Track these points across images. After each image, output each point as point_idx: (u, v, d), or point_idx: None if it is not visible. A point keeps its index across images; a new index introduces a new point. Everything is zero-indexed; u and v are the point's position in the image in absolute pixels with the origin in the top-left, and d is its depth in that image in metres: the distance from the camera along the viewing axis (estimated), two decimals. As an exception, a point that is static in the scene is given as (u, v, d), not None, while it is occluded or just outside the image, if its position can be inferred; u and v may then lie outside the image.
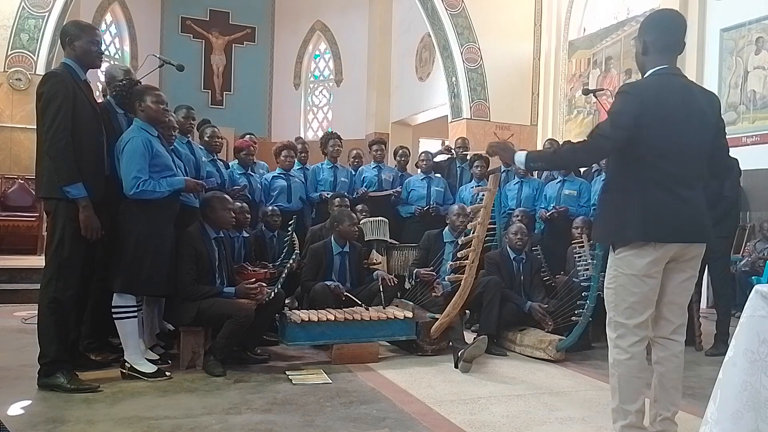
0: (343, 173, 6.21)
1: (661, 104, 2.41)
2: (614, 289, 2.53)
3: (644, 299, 2.48)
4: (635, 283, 2.46)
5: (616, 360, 2.52)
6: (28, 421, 2.84)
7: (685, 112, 2.43)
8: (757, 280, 5.58)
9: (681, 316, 2.59)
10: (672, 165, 2.42)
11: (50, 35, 8.19)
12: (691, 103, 2.45)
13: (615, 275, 2.52)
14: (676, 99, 2.44)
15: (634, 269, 2.45)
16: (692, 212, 2.47)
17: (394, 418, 3.03)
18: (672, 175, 2.43)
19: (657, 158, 2.42)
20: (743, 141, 6.79)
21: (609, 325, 2.57)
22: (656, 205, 2.42)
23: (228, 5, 14.09)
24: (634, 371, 2.48)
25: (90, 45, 3.43)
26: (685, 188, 2.45)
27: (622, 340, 2.50)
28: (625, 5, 8.81)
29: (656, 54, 2.51)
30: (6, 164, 8.22)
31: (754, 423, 1.91)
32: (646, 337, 2.53)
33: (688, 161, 2.45)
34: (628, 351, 2.48)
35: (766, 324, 1.94)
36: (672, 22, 2.55)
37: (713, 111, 2.54)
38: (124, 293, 3.54)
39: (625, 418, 2.48)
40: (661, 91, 2.44)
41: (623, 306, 2.49)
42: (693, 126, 2.44)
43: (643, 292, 2.47)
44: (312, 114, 14.74)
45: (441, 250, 5.01)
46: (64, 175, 3.23)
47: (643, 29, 2.57)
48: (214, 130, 5.07)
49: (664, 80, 2.48)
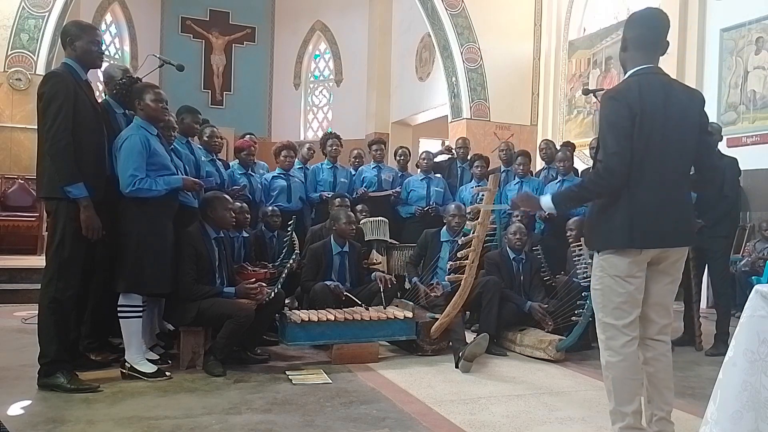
0: (342, 173, 6.21)
1: (645, 105, 2.40)
2: (601, 290, 2.54)
3: (630, 299, 2.49)
4: (620, 283, 2.47)
5: (608, 362, 2.52)
6: (28, 421, 2.84)
7: (666, 112, 2.42)
8: (757, 280, 5.59)
9: (666, 316, 2.60)
10: (655, 167, 2.42)
11: (50, 35, 8.19)
12: (671, 101, 2.44)
13: (600, 276, 2.53)
14: (656, 99, 2.42)
15: (618, 270, 2.47)
16: (677, 215, 2.47)
17: (394, 418, 3.03)
18: (656, 177, 2.42)
19: (641, 160, 2.41)
20: (743, 141, 6.79)
21: (598, 327, 2.58)
22: (642, 208, 2.42)
23: (228, 5, 14.09)
24: (627, 373, 2.48)
25: (90, 45, 3.43)
26: (669, 189, 2.45)
27: (613, 342, 2.50)
28: (625, 5, 8.81)
29: (636, 51, 2.50)
30: (6, 164, 8.22)
31: (754, 423, 1.91)
32: (637, 337, 2.52)
33: (671, 162, 2.44)
34: (619, 353, 2.48)
35: (766, 324, 1.95)
36: (654, 19, 2.52)
37: (696, 108, 2.51)
38: (128, 293, 3.55)
39: (623, 420, 2.48)
40: (643, 92, 2.43)
41: (611, 306, 2.50)
42: (675, 125, 2.43)
43: (628, 291, 2.48)
44: (312, 114, 14.74)
45: (438, 250, 5.02)
46: (64, 174, 3.23)
47: (626, 26, 2.56)
48: (213, 130, 5.05)
49: (644, 80, 2.46)
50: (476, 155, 6.47)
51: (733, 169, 4.69)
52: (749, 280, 5.86)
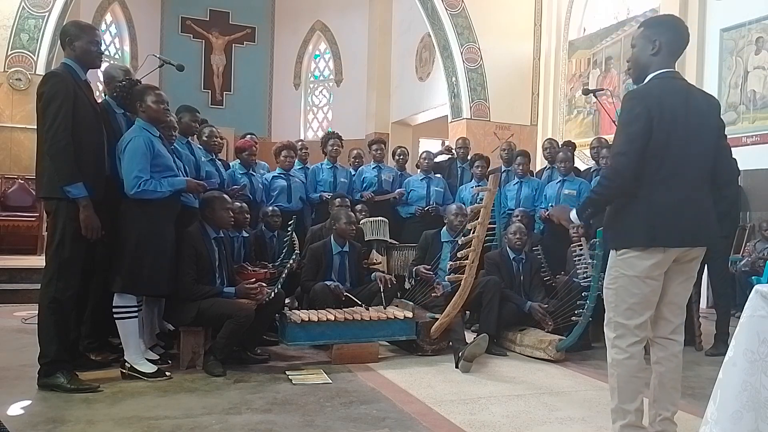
0: (342, 173, 6.20)
1: (664, 107, 2.43)
2: (615, 290, 2.53)
3: (645, 300, 2.49)
4: (637, 284, 2.47)
5: (614, 360, 2.53)
6: (28, 421, 2.84)
7: (686, 114, 2.45)
8: (757, 280, 5.58)
9: (680, 315, 2.60)
10: (676, 167, 2.44)
11: (50, 35, 8.19)
12: (692, 105, 2.47)
13: (616, 276, 2.52)
14: (677, 101, 2.45)
15: (636, 271, 2.46)
16: (698, 214, 2.48)
17: (394, 418, 3.03)
18: (677, 177, 2.44)
19: (662, 161, 2.43)
20: (743, 141, 6.79)
21: (608, 326, 2.57)
22: (662, 208, 2.43)
23: (228, 5, 14.09)
24: (633, 371, 2.49)
25: (90, 45, 3.43)
26: (690, 190, 2.46)
27: (621, 340, 2.51)
28: (625, 5, 8.82)
29: (666, 56, 2.53)
30: (6, 164, 8.22)
31: (754, 423, 1.91)
32: (645, 338, 2.54)
33: (692, 163, 2.46)
34: (626, 351, 2.49)
35: (766, 324, 1.94)
36: (683, 28, 2.59)
37: (713, 113, 2.56)
38: (124, 293, 3.54)
39: (624, 417, 2.49)
40: (664, 94, 2.46)
41: (623, 307, 2.50)
42: (695, 128, 2.46)
43: (644, 293, 2.47)
44: (312, 114, 14.74)
45: (439, 250, 5.02)
46: (64, 174, 3.23)
47: (657, 30, 2.55)
48: (212, 130, 5.05)
49: (666, 83, 2.49)
50: (477, 155, 6.46)
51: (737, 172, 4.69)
52: (749, 280, 5.85)
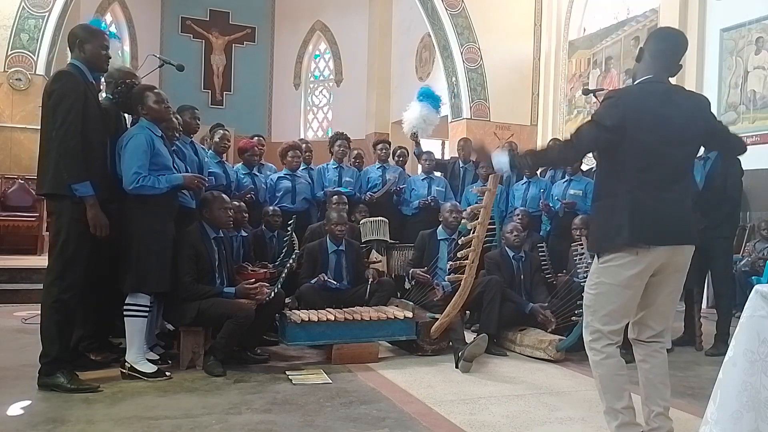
0: (348, 173, 6.23)
1: (640, 109, 2.46)
2: (595, 296, 2.57)
3: (622, 308, 2.52)
4: (616, 292, 2.50)
5: (593, 362, 2.57)
6: (28, 421, 2.84)
7: (664, 115, 2.47)
8: (757, 280, 5.58)
9: (663, 324, 2.63)
10: (654, 168, 2.46)
11: (50, 35, 8.18)
12: (672, 104, 2.49)
13: (597, 283, 2.56)
14: (654, 103, 2.47)
15: (616, 280, 2.49)
16: (676, 214, 2.49)
17: (394, 418, 3.03)
18: (654, 178, 2.46)
19: (639, 162, 2.46)
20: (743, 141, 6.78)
21: (585, 329, 2.62)
22: (642, 209, 2.45)
23: (228, 5, 14.10)
24: (613, 369, 2.52)
25: (100, 49, 3.47)
26: (667, 191, 2.48)
27: (596, 343, 2.55)
28: (625, 5, 8.82)
29: (651, 61, 2.55)
30: (6, 164, 8.22)
31: (754, 423, 1.91)
32: (620, 341, 2.57)
33: (669, 164, 2.48)
34: (602, 351, 2.53)
35: (766, 324, 1.94)
36: (675, 38, 2.61)
37: (700, 111, 2.56)
38: (135, 293, 3.56)
39: (616, 417, 2.51)
40: (641, 96, 2.50)
41: (601, 313, 2.54)
42: (674, 128, 2.47)
43: (621, 302, 2.51)
44: (312, 114, 14.75)
45: (436, 249, 5.03)
46: (73, 173, 3.24)
47: (648, 39, 2.62)
48: (225, 133, 5.17)
49: (646, 87, 2.53)
50: (481, 156, 6.45)
51: (736, 170, 4.68)
52: (749, 280, 5.85)
